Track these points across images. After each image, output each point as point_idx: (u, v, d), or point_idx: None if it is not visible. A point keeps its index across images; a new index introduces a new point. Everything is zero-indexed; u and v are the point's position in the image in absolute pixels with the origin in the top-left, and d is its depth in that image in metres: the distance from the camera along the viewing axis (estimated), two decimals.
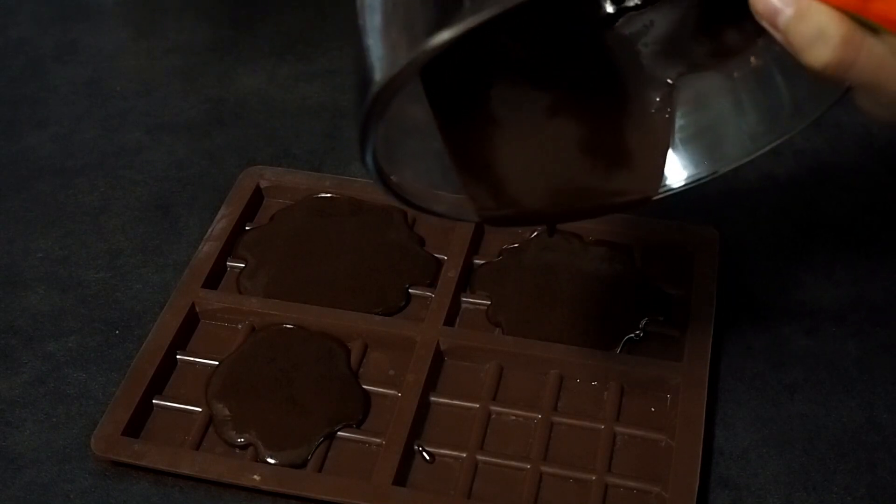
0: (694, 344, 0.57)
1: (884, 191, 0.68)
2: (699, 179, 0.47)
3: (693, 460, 0.52)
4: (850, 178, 0.69)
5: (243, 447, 0.54)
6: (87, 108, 0.77)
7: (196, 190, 0.70)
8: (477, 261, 0.63)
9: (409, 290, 0.61)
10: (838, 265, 0.63)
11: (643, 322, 0.59)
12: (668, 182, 0.47)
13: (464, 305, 0.61)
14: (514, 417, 0.56)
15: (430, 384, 0.57)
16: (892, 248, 0.64)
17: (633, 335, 0.59)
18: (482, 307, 0.61)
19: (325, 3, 0.85)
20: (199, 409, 0.56)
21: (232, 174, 0.69)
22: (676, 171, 0.47)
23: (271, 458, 0.53)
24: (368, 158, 0.39)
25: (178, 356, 0.59)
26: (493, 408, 0.56)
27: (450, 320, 0.59)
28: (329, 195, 0.67)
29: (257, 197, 0.68)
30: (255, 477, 0.52)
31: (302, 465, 0.53)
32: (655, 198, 0.47)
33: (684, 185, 0.47)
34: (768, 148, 0.45)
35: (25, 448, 0.55)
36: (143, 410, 0.56)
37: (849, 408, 0.56)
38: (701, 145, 0.47)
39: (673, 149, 0.47)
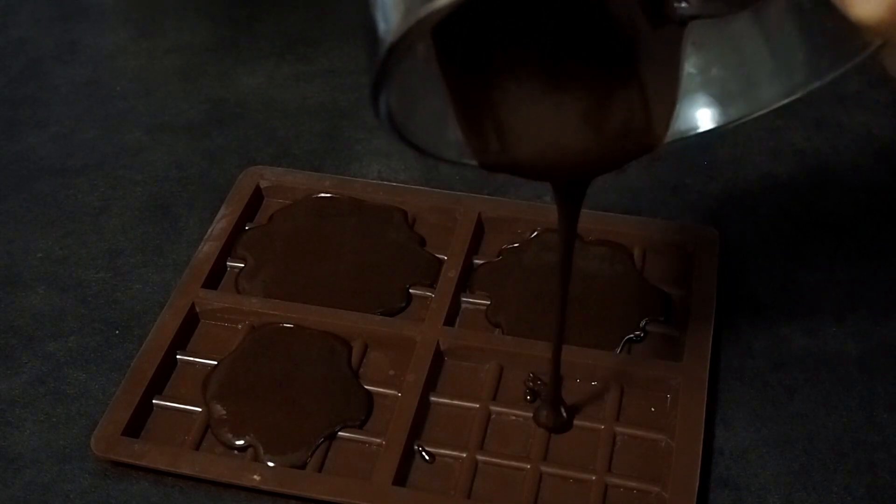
0: (694, 344, 0.57)
1: (884, 191, 0.68)
2: (717, 127, 0.45)
3: (693, 460, 0.52)
4: (850, 178, 0.69)
5: (243, 449, 0.54)
6: (87, 108, 0.77)
7: (196, 190, 0.70)
8: (477, 261, 0.63)
9: (410, 291, 0.61)
10: (838, 265, 0.63)
11: (643, 322, 0.59)
12: (677, 129, 0.45)
13: (464, 305, 0.61)
14: (514, 417, 0.56)
15: (430, 384, 0.57)
16: (892, 248, 0.64)
17: (633, 335, 0.58)
18: (482, 307, 0.61)
19: (325, 3, 0.85)
20: (199, 409, 0.56)
21: (232, 174, 0.69)
22: (686, 118, 0.45)
23: (271, 460, 0.53)
24: (382, 110, 0.38)
25: (177, 356, 0.59)
26: (493, 408, 0.56)
27: (450, 320, 0.59)
28: (329, 195, 0.67)
29: (257, 197, 0.68)
30: (255, 477, 0.52)
31: (302, 466, 0.53)
32: (661, 145, 0.45)
33: (696, 133, 0.45)
34: (782, 102, 0.43)
35: (25, 448, 0.55)
36: (143, 410, 0.56)
37: (849, 408, 0.56)
38: (714, 93, 0.45)
39: (683, 96, 0.45)
